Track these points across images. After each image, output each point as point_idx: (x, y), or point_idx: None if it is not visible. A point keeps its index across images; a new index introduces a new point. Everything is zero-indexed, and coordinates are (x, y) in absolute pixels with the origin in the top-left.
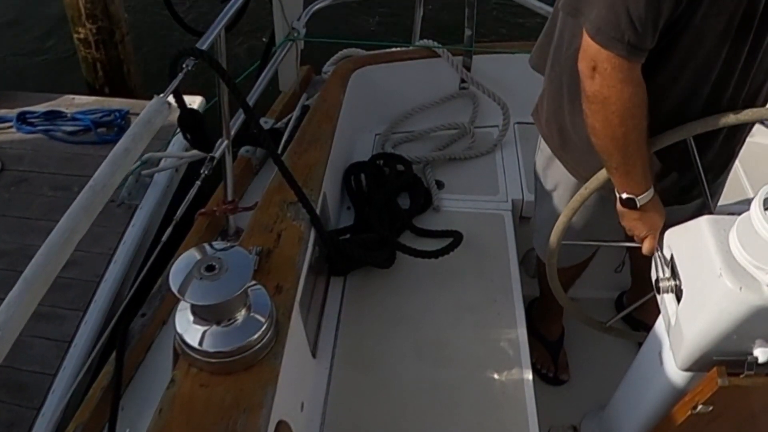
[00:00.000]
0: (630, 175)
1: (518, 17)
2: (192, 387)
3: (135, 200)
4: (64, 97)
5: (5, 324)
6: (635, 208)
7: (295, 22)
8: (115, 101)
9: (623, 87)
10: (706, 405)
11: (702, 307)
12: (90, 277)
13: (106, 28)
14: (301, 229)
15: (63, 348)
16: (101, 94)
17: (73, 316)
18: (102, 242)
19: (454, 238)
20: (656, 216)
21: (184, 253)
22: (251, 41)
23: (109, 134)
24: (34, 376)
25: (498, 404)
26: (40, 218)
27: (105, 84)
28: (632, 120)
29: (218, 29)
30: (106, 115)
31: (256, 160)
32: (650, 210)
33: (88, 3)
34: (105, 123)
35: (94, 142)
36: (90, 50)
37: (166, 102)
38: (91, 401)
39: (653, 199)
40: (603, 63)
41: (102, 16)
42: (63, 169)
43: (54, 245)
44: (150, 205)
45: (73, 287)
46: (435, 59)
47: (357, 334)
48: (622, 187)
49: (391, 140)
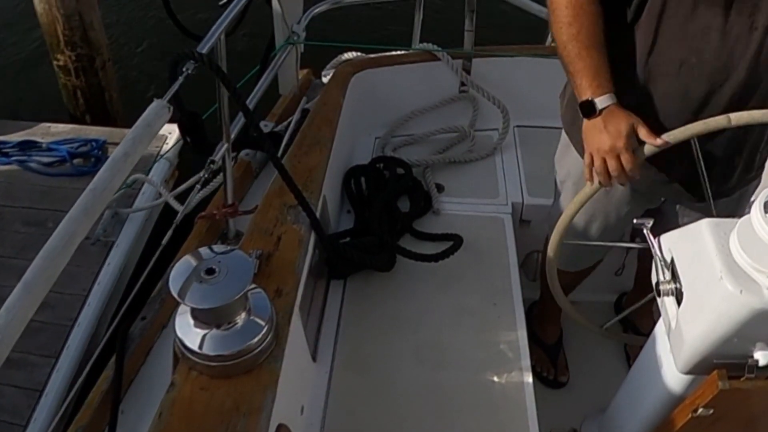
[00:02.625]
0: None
1: (518, 20)
2: (192, 390)
3: (111, 237)
4: (40, 126)
5: (4, 328)
6: (594, 113)
7: (294, 25)
8: (92, 130)
9: None
10: (706, 408)
11: (702, 310)
12: (63, 320)
13: (86, 55)
14: (301, 232)
15: (34, 397)
16: (82, 121)
17: (45, 363)
18: (76, 283)
19: (454, 241)
20: (624, 119)
21: (183, 257)
22: (251, 45)
23: (86, 165)
24: (3, 427)
25: (498, 407)
26: (13, 257)
27: (86, 111)
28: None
29: (218, 32)
30: (83, 144)
31: (256, 163)
32: (616, 113)
33: (67, 30)
34: (81, 154)
35: (70, 174)
36: (70, 77)
37: (166, 105)
38: (91, 405)
39: (616, 106)
40: None
41: (81, 43)
42: (37, 203)
43: (53, 249)
44: (127, 243)
45: (44, 332)
46: (435, 62)
47: (357, 338)
48: (579, 92)
49: (391, 143)
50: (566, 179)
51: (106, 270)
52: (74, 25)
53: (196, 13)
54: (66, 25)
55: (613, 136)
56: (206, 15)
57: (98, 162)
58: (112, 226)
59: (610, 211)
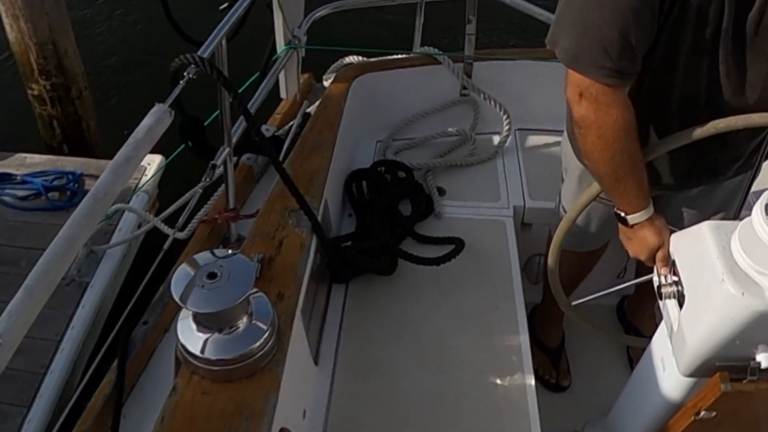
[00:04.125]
0: (623, 195)
1: (519, 23)
2: (194, 395)
3: (86, 277)
4: (16, 156)
5: (6, 332)
6: (627, 225)
7: (296, 29)
8: (69, 161)
9: (608, 110)
10: (709, 411)
11: (704, 312)
12: (35, 367)
13: (61, 84)
14: (302, 236)
15: None
16: (59, 151)
17: (17, 413)
18: (49, 327)
19: (456, 244)
20: (651, 237)
21: (185, 261)
22: (252, 50)
23: (61, 200)
24: None
25: (500, 411)
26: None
27: (63, 141)
28: (619, 143)
29: (219, 37)
30: (59, 177)
31: (258, 167)
32: (645, 230)
33: (41, 59)
34: (57, 187)
35: (45, 209)
36: (45, 107)
37: (167, 110)
38: (93, 409)
39: (650, 220)
40: (588, 89)
41: (56, 72)
42: (11, 240)
43: (55, 254)
44: (102, 282)
45: (17, 380)
46: (436, 66)
47: (359, 341)
48: (616, 204)
49: (392, 147)
50: (569, 166)
51: (81, 313)
52: (48, 53)
53: (194, 19)
54: (39, 54)
55: (639, 246)
56: (204, 20)
57: (74, 196)
58: (88, 265)
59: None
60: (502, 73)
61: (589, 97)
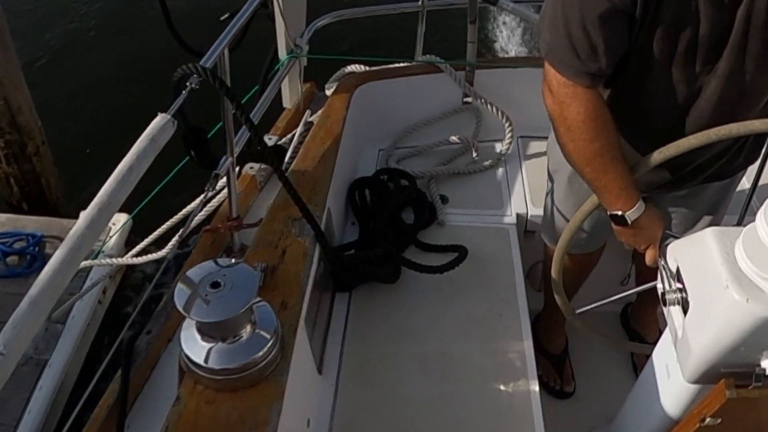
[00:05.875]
0: (608, 190)
1: (520, 31)
2: (198, 404)
3: (44, 355)
4: None
5: (10, 342)
6: (627, 225)
7: (297, 39)
8: (30, 221)
9: (571, 102)
10: (714, 418)
11: (709, 319)
12: None
13: (16, 141)
14: (305, 245)
15: None
16: (19, 209)
17: None
18: (5, 412)
19: (459, 252)
20: (653, 228)
21: (188, 270)
22: (254, 59)
23: (20, 266)
24: None
25: (505, 418)
26: None
27: (22, 199)
28: (587, 133)
29: (221, 47)
30: (19, 239)
31: (261, 176)
32: (644, 223)
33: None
34: (16, 251)
35: (3, 276)
36: (0, 165)
37: (171, 119)
38: (97, 420)
39: (646, 212)
40: (552, 81)
41: (10, 129)
42: None
43: (59, 264)
44: (62, 360)
45: None
46: (438, 74)
47: (363, 350)
48: (607, 204)
49: (394, 155)
50: (558, 168)
51: (38, 396)
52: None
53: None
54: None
55: (644, 240)
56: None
57: (34, 261)
58: (46, 342)
59: None
60: (504, 80)
61: (554, 89)
